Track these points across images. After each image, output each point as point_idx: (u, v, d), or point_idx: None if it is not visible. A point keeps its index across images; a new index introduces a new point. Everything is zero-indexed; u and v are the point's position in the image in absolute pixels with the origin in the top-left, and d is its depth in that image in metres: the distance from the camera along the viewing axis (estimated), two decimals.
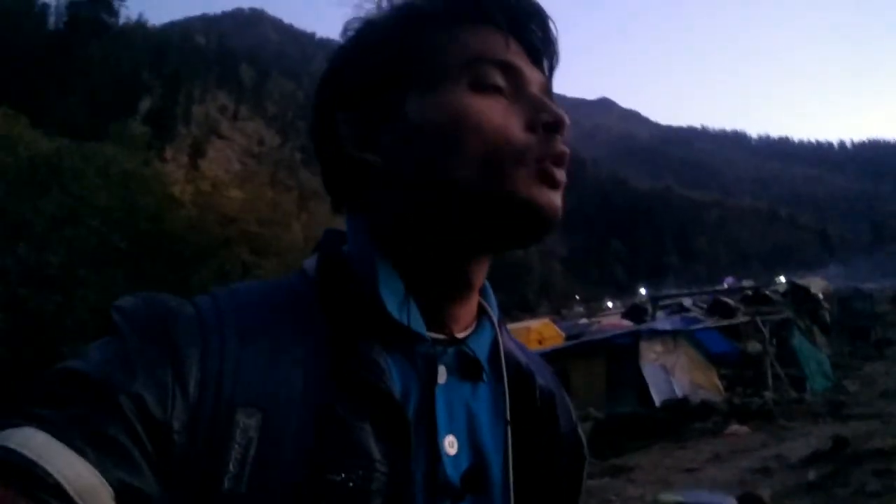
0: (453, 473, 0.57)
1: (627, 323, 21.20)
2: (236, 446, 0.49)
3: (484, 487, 0.60)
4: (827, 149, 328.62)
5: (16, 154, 21.49)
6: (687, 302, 23.03)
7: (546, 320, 26.76)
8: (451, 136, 0.58)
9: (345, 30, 0.67)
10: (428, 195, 0.59)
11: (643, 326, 15.19)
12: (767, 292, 22.23)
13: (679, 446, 8.77)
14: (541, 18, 0.63)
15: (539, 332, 20.97)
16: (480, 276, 0.64)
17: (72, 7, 46.28)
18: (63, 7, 48.25)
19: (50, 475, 0.41)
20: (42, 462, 0.41)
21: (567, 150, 0.60)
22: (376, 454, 0.53)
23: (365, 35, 0.64)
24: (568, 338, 19.75)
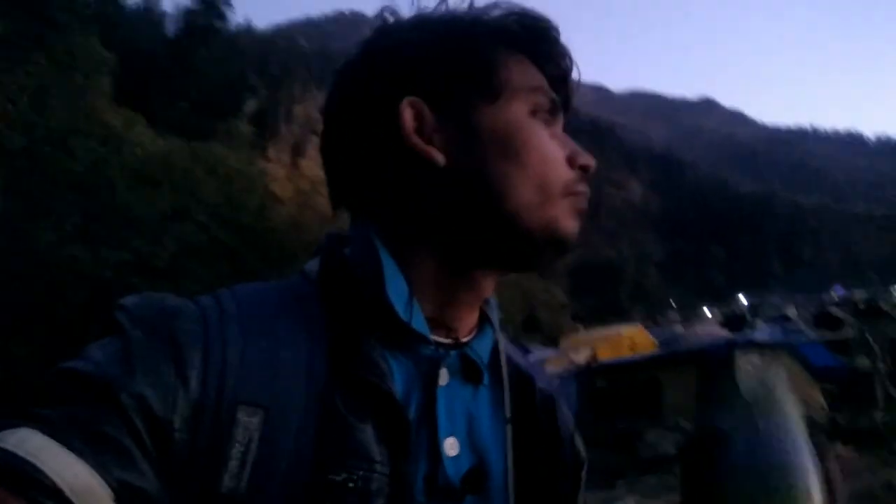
0: (454, 475, 0.58)
1: (724, 332, 20.36)
2: (237, 444, 0.49)
3: (484, 488, 0.60)
4: None
5: (134, 153, 23.08)
6: (791, 312, 21.88)
7: (639, 326, 26.04)
8: (516, 151, 0.60)
9: (419, 11, 0.67)
10: (479, 204, 0.60)
11: (738, 336, 14.59)
12: (882, 304, 20.82)
13: None
14: (572, 76, 0.68)
15: (631, 339, 20.41)
16: (492, 286, 0.67)
17: (187, 15, 49.16)
18: (180, 15, 51.29)
19: (47, 476, 0.41)
20: (39, 463, 0.41)
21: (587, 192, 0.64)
22: (377, 455, 0.53)
23: (447, 30, 0.64)
24: (661, 345, 19.18)
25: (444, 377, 0.60)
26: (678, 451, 9.22)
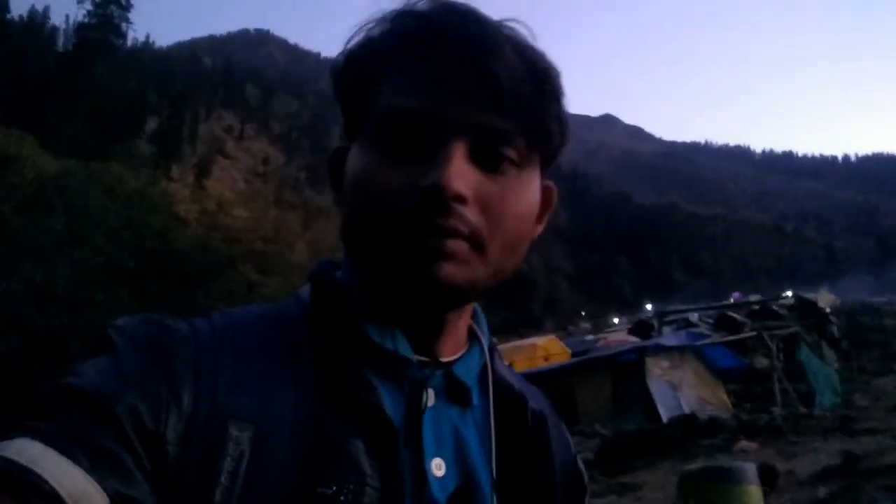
0: (440, 495, 0.57)
1: (633, 339, 21.09)
2: (228, 459, 0.49)
3: None
4: (831, 163, 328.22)
5: (23, 175, 21.64)
6: (693, 317, 22.91)
7: (551, 336, 26.58)
8: (349, 188, 0.59)
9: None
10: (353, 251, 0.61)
11: (649, 342, 15.14)
12: (774, 307, 22.14)
13: (687, 463, 8.67)
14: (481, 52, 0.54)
15: (545, 349, 20.79)
16: (454, 316, 0.62)
17: (80, 29, 46.80)
18: (72, 30, 48.81)
19: (45, 482, 0.41)
20: (38, 469, 0.42)
21: (450, 223, 0.53)
22: (367, 468, 0.53)
23: (341, 59, 0.61)
24: (574, 354, 19.63)
25: (430, 398, 0.60)
26: (595, 456, 9.44)
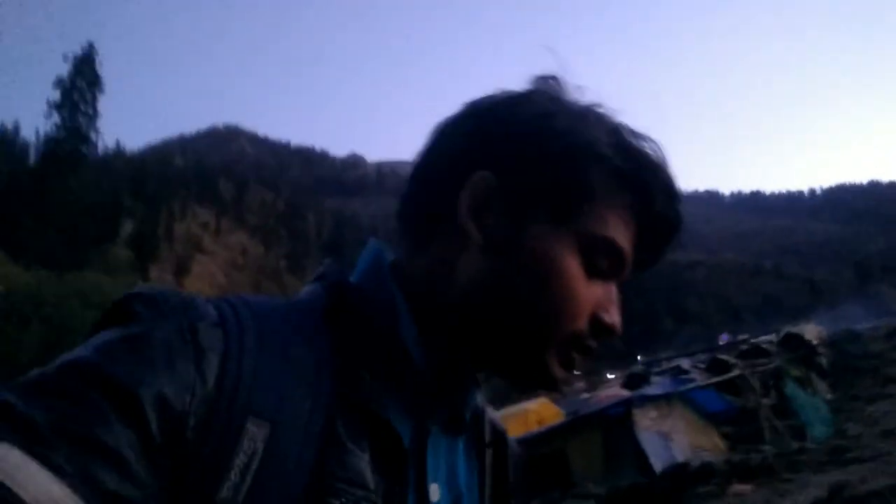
0: None
1: (626, 392, 20.92)
2: (242, 454, 0.48)
3: None
4: (798, 197, 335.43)
5: None
6: (685, 364, 22.85)
7: (543, 400, 26.21)
8: (543, 280, 0.58)
9: (537, 90, 0.65)
10: (485, 305, 0.60)
11: (634, 393, 15.04)
12: (762, 344, 22.13)
13: None
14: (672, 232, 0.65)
15: (538, 413, 20.40)
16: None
17: (49, 142, 47.41)
18: (41, 143, 49.43)
19: (21, 500, 0.39)
20: (12, 484, 0.39)
21: (594, 348, 0.63)
22: (372, 484, 0.53)
23: (557, 133, 0.60)
24: (567, 415, 19.37)
25: (431, 424, 0.61)
26: None
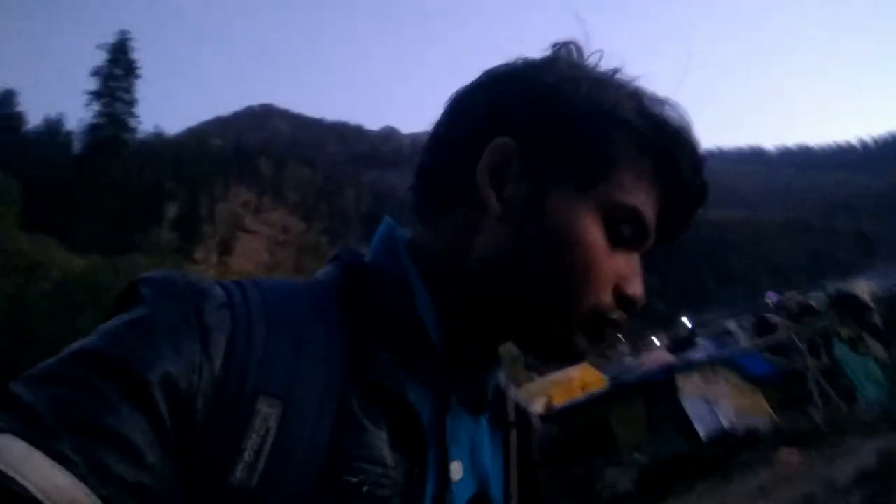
0: (460, 499, 0.58)
1: (670, 357, 20.66)
2: (254, 435, 0.48)
3: None
4: (849, 150, 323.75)
5: (50, 278, 22.22)
6: (731, 325, 22.42)
7: (584, 365, 26.06)
8: (567, 250, 0.57)
9: (555, 57, 0.64)
10: (508, 273, 0.58)
11: (677, 359, 14.86)
12: (812, 303, 21.57)
13: (726, 482, 8.43)
14: (698, 198, 0.64)
15: (581, 379, 20.34)
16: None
17: (91, 130, 48.56)
18: (84, 131, 50.62)
19: (27, 490, 0.38)
20: (19, 476, 0.39)
21: (622, 321, 0.61)
22: (391, 461, 0.52)
23: (581, 91, 0.59)
24: (610, 380, 19.25)
25: (451, 401, 0.60)
26: (635, 487, 9.23)
